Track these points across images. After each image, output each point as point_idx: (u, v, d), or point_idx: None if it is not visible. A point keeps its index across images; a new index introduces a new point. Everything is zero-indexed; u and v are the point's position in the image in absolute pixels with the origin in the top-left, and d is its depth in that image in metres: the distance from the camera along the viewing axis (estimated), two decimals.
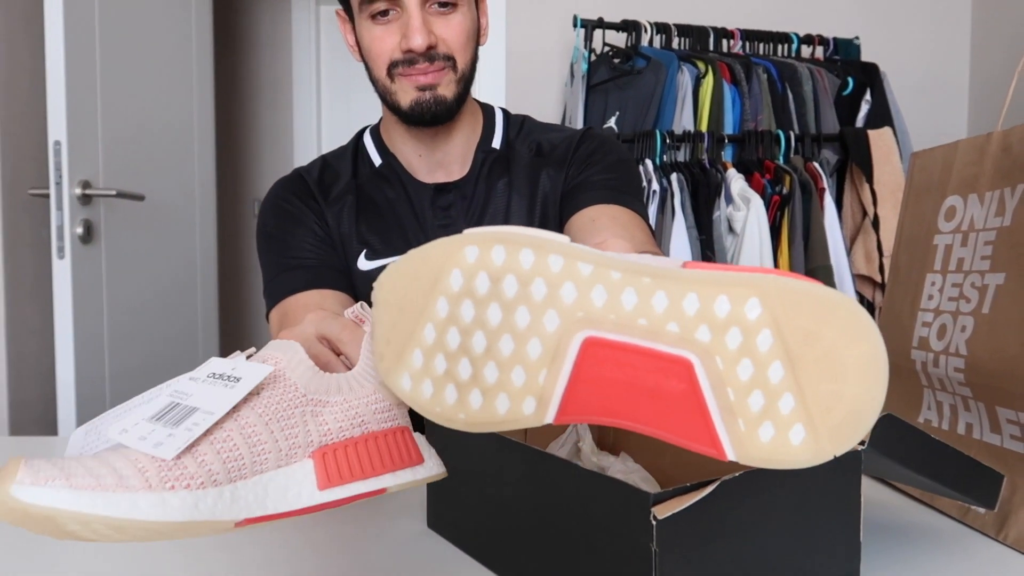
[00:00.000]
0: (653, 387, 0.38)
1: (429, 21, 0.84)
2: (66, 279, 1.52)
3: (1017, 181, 0.67)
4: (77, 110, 1.55)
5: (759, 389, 0.36)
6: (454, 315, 0.41)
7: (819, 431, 0.36)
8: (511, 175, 0.96)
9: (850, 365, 0.36)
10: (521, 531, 0.53)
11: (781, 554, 0.47)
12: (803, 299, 0.36)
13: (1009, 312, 0.64)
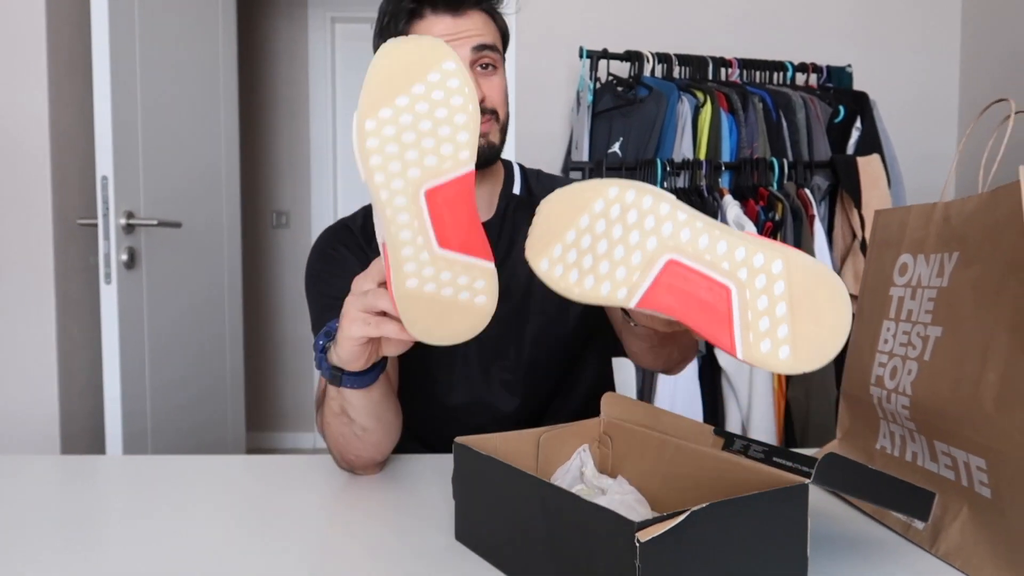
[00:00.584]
0: (703, 300, 0.62)
1: (477, 79, 0.99)
2: (112, 303, 1.65)
3: (954, 249, 0.78)
4: (121, 147, 1.68)
5: (767, 317, 0.61)
6: (591, 227, 0.64)
7: (799, 354, 0.60)
8: None
9: (827, 318, 0.61)
10: (533, 547, 0.65)
11: (741, 568, 0.59)
12: (810, 268, 0.61)
13: (944, 361, 0.76)
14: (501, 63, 1.04)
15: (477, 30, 0.99)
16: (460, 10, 0.98)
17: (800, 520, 0.62)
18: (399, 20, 1.00)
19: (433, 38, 0.71)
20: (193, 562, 0.72)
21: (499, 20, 1.05)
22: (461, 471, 0.75)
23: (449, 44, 0.94)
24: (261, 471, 1.03)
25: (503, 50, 1.06)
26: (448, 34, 0.98)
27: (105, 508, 0.90)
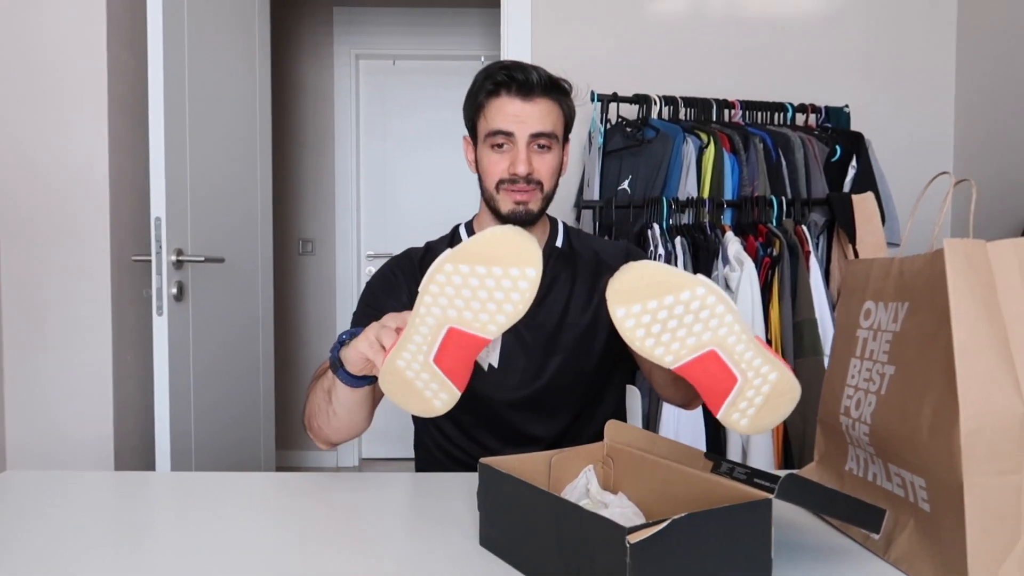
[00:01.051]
0: (717, 380, 0.87)
1: (531, 156, 1.19)
2: (163, 332, 1.81)
3: (905, 299, 0.91)
4: (172, 191, 1.84)
5: (747, 402, 0.88)
6: (672, 307, 0.84)
7: (750, 426, 0.89)
8: (576, 269, 1.30)
9: (780, 411, 0.89)
10: (545, 549, 0.78)
11: (715, 568, 0.73)
12: (788, 381, 0.88)
13: (895, 395, 0.89)
14: (558, 145, 1.24)
15: (539, 117, 1.20)
16: (528, 97, 1.18)
17: (764, 529, 0.76)
18: (481, 93, 1.22)
19: (533, 245, 0.88)
20: (233, 567, 0.85)
21: (564, 107, 1.25)
22: (485, 486, 0.89)
23: (513, 125, 1.13)
24: (295, 486, 1.18)
25: (567, 131, 1.26)
26: (515, 115, 1.19)
27: (154, 519, 1.04)
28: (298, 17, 3.81)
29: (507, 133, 1.20)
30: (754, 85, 2.51)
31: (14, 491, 1.09)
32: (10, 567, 0.83)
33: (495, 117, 1.21)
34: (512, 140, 1.20)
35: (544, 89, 1.20)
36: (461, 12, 3.85)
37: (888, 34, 2.60)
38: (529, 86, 1.19)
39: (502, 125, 1.20)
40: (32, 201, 1.91)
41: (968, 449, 0.74)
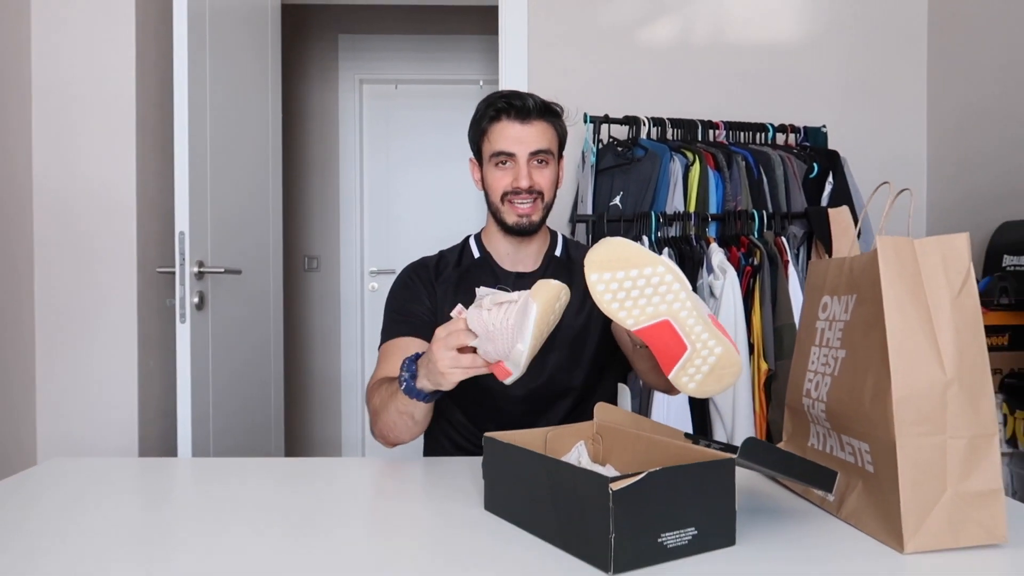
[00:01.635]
0: (669, 346, 0.99)
1: (531, 171, 1.35)
2: (186, 339, 1.94)
3: (853, 292, 1.05)
4: (196, 206, 1.98)
5: (695, 368, 1.00)
6: (636, 278, 0.98)
7: (698, 389, 1.01)
8: (572, 276, 1.44)
9: (723, 381, 1.01)
10: (541, 505, 0.91)
11: (684, 514, 0.85)
12: (732, 356, 1.00)
13: (845, 375, 1.02)
14: (554, 160, 1.41)
15: (536, 137, 1.37)
16: (526, 120, 1.36)
17: (729, 484, 0.88)
18: (484, 120, 1.39)
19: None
20: (257, 540, 0.97)
21: (558, 127, 1.42)
22: (489, 456, 1.02)
23: (514, 145, 1.29)
24: (310, 468, 1.30)
25: (560, 148, 1.43)
26: (516, 136, 1.36)
27: (181, 498, 1.17)
28: (306, 45, 3.98)
29: (509, 153, 1.36)
30: (737, 107, 2.67)
31: (58, 476, 1.22)
32: (60, 538, 0.96)
33: (498, 140, 1.37)
34: (514, 159, 1.36)
35: (539, 113, 1.37)
36: (460, 39, 4.02)
37: (863, 58, 2.76)
38: (526, 111, 1.36)
39: (504, 146, 1.36)
40: (66, 217, 2.06)
41: (899, 414, 0.88)
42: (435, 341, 1.08)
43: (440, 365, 1.07)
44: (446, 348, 1.07)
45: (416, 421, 1.22)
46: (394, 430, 1.25)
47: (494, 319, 1.03)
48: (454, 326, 1.07)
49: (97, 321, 2.05)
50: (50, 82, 2.06)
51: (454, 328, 1.07)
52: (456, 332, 1.07)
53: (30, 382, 2.04)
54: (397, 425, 1.24)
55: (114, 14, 2.06)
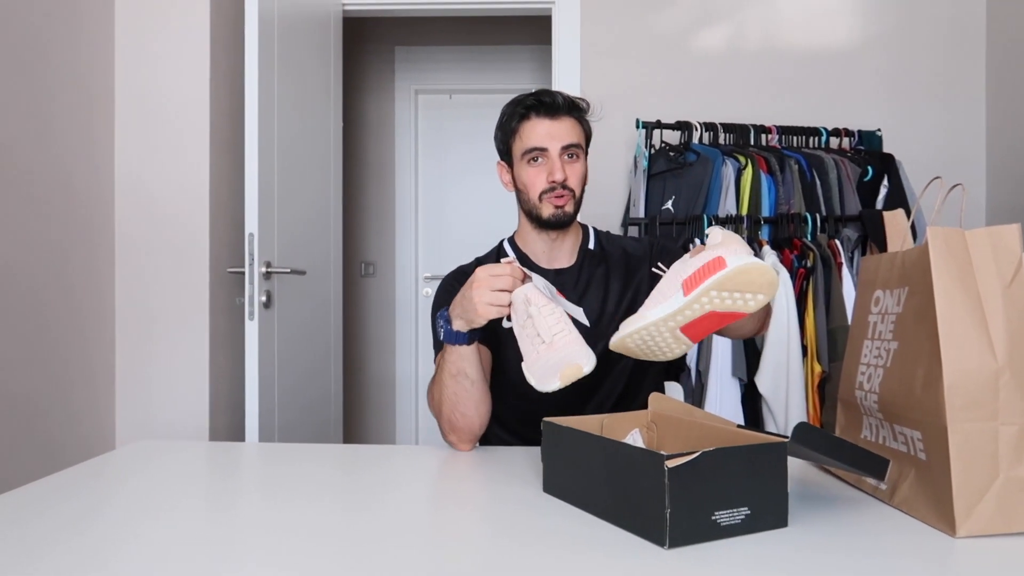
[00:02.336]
0: (709, 322, 1.02)
1: (564, 165, 1.39)
2: (254, 336, 2.04)
3: (905, 284, 1.07)
4: (264, 209, 2.09)
5: (739, 301, 1.00)
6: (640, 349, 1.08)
7: (762, 297, 1.01)
8: (608, 265, 1.47)
9: (763, 283, 0.99)
10: (597, 484, 0.95)
11: (737, 493, 0.88)
12: (730, 276, 0.98)
13: (897, 366, 1.04)
14: (583, 155, 1.45)
15: (566, 131, 1.41)
16: (555, 116, 1.40)
17: (781, 467, 0.91)
18: (513, 119, 1.43)
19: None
20: (322, 520, 1.01)
21: (584, 124, 1.46)
22: (548, 440, 1.06)
23: (546, 141, 1.33)
24: (370, 455, 1.36)
25: (587, 145, 1.46)
26: (547, 132, 1.39)
27: (250, 479, 1.24)
28: (364, 57, 4.11)
29: (542, 149, 1.40)
30: (790, 111, 2.67)
31: (140, 456, 1.31)
32: (143, 514, 1.04)
33: (529, 136, 1.40)
34: (546, 154, 1.40)
35: (567, 109, 1.41)
36: (513, 49, 4.10)
37: (918, 60, 2.74)
38: (555, 107, 1.40)
39: (537, 142, 1.40)
40: (144, 221, 2.18)
41: (950, 400, 0.89)
42: (477, 280, 1.16)
43: (476, 300, 1.15)
44: (488, 287, 1.15)
45: (472, 380, 1.27)
46: (458, 404, 1.28)
47: (545, 325, 1.11)
48: (500, 270, 1.15)
49: (172, 317, 2.17)
50: (132, 91, 2.19)
51: (500, 272, 1.15)
52: (502, 276, 1.15)
53: (110, 373, 2.17)
54: (457, 395, 1.28)
55: (190, 26, 2.19)
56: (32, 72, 1.85)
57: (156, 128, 2.19)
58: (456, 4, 2.87)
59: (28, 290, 1.84)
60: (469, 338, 1.24)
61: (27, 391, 1.84)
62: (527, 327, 1.12)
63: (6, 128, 1.77)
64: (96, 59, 2.12)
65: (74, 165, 2.01)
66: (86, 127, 2.07)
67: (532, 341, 1.11)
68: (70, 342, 2.00)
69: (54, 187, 1.93)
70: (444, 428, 1.33)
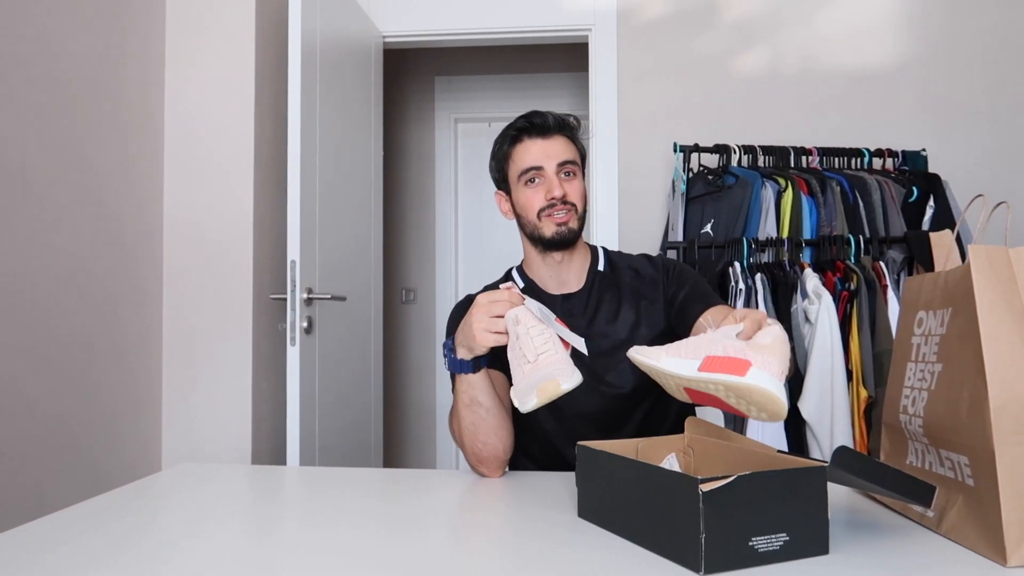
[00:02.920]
0: (712, 400, 0.95)
1: (561, 182, 1.38)
2: (295, 361, 2.07)
3: (949, 305, 1.04)
4: (306, 236, 2.13)
5: (742, 405, 0.93)
6: None
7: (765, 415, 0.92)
8: (619, 288, 1.44)
9: (769, 410, 0.91)
10: (632, 509, 0.94)
11: (775, 519, 0.86)
12: (742, 390, 0.91)
13: (942, 389, 1.01)
14: (579, 171, 1.43)
15: (560, 149, 1.40)
16: (547, 135, 1.40)
17: (821, 491, 0.88)
18: (505, 144, 1.43)
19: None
20: (359, 543, 1.01)
21: (577, 143, 1.45)
22: (582, 464, 1.06)
23: (541, 160, 1.34)
24: (402, 479, 1.37)
25: (583, 164, 1.45)
26: (541, 151, 1.39)
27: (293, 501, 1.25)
28: (404, 86, 4.19)
29: (537, 168, 1.38)
30: (831, 133, 2.64)
31: (184, 479, 1.33)
32: (187, 533, 1.06)
33: (523, 158, 1.39)
34: (542, 173, 1.38)
35: (558, 127, 1.41)
36: (551, 76, 4.14)
37: (963, 79, 2.69)
38: (546, 127, 1.39)
39: (531, 162, 1.38)
40: (191, 249, 2.25)
41: (998, 423, 0.87)
42: (476, 306, 1.16)
43: (475, 327, 1.15)
44: (486, 313, 1.15)
45: (487, 408, 1.26)
46: (478, 433, 1.27)
47: (530, 345, 1.10)
48: (498, 296, 1.15)
49: (217, 343, 2.22)
50: (180, 122, 2.27)
51: (498, 298, 1.15)
52: (500, 302, 1.14)
53: (157, 398, 2.22)
54: (475, 424, 1.27)
55: (237, 58, 2.27)
56: (84, 105, 1.93)
57: (202, 157, 2.26)
58: (494, 34, 2.92)
59: (79, 317, 1.90)
60: (474, 366, 1.23)
61: (77, 415, 1.89)
62: (515, 348, 1.12)
63: (58, 159, 1.84)
64: (147, 91, 2.20)
65: (124, 196, 2.09)
66: (135, 158, 2.14)
67: (519, 361, 1.10)
68: (119, 367, 2.06)
69: (104, 218, 2.01)
70: (470, 460, 1.32)
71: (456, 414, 1.30)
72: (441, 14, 2.90)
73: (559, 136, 1.40)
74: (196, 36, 2.28)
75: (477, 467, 1.32)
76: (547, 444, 1.46)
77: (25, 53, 1.72)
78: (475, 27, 2.89)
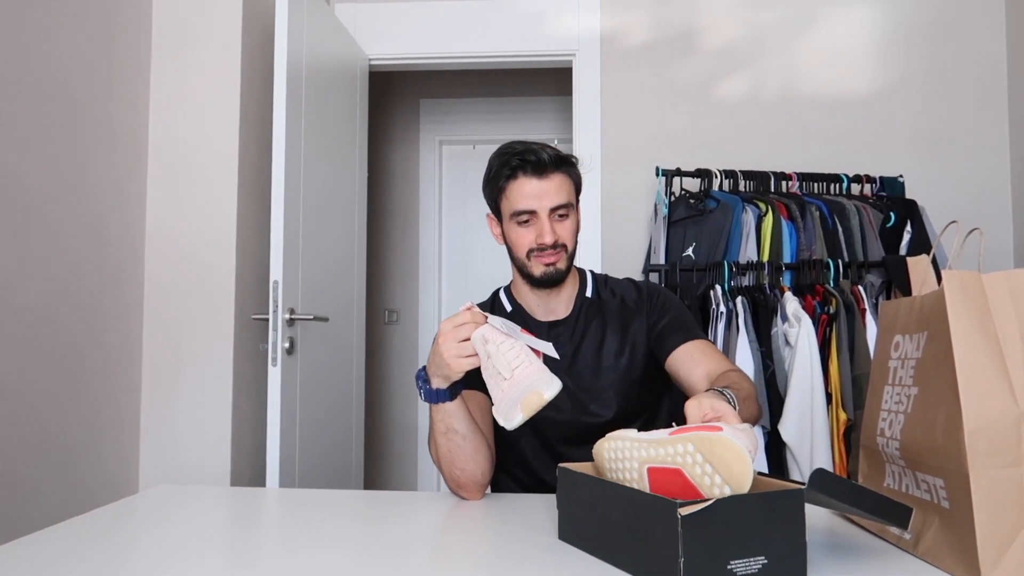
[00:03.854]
0: (675, 480, 0.90)
1: (553, 225, 1.36)
2: (277, 382, 2.05)
3: (924, 329, 1.06)
4: (289, 257, 2.13)
5: (707, 476, 0.88)
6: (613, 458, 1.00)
7: (733, 487, 0.87)
8: (604, 316, 1.44)
9: (733, 468, 0.86)
10: (614, 531, 0.94)
11: (754, 542, 0.87)
12: (713, 440, 0.88)
13: (918, 412, 1.02)
14: (574, 211, 1.40)
15: (555, 191, 1.36)
16: (543, 175, 1.36)
17: (798, 514, 0.89)
18: (500, 178, 1.39)
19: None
20: (337, 567, 1.00)
21: (574, 176, 1.42)
22: (563, 486, 1.06)
23: (534, 203, 1.34)
24: (382, 501, 1.36)
25: (577, 196, 1.43)
26: (535, 193, 1.35)
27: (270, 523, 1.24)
28: (390, 108, 4.21)
29: (531, 211, 1.35)
30: (811, 159, 2.68)
31: (160, 501, 1.32)
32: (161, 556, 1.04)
33: (517, 198, 1.35)
34: (535, 216, 1.35)
35: (555, 165, 1.35)
36: (535, 100, 4.18)
37: (940, 106, 2.75)
38: (542, 166, 1.34)
39: (524, 205, 1.35)
40: (173, 269, 2.23)
41: (972, 446, 0.88)
42: (441, 334, 1.15)
43: (446, 355, 1.13)
44: (453, 340, 1.13)
45: (463, 435, 1.24)
46: (455, 460, 1.25)
47: (503, 362, 1.09)
48: (462, 319, 1.14)
49: (198, 363, 2.20)
50: (164, 141, 2.27)
51: (460, 321, 1.13)
52: (465, 325, 1.13)
53: (136, 417, 2.19)
54: (452, 452, 1.25)
55: (222, 78, 2.27)
56: (66, 122, 1.93)
57: (186, 177, 2.25)
58: (479, 58, 2.95)
59: (59, 335, 1.88)
60: (451, 394, 1.21)
61: (56, 434, 1.87)
62: (488, 368, 1.11)
63: (41, 176, 1.83)
64: (131, 109, 2.20)
65: (107, 213, 2.07)
66: (120, 176, 2.14)
67: (495, 380, 1.09)
68: (99, 386, 2.03)
69: (87, 235, 1.99)
70: (450, 485, 1.30)
71: (433, 441, 1.29)
72: (426, 38, 2.93)
73: (556, 174, 1.36)
74: (182, 55, 2.29)
75: (457, 491, 1.31)
76: (529, 467, 1.46)
77: (12, 67, 1.72)
78: (460, 51, 2.92)
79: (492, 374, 1.10)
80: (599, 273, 1.56)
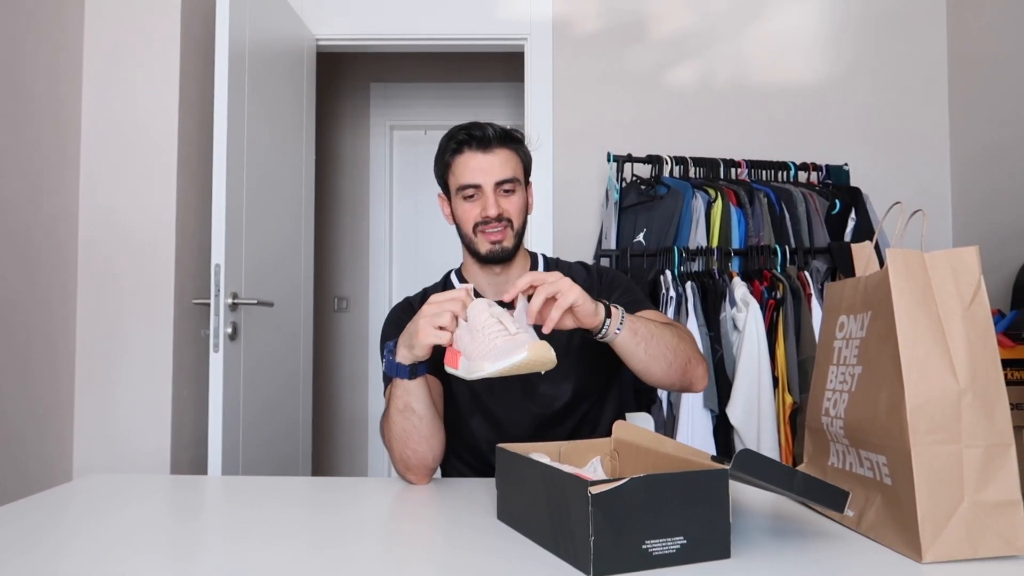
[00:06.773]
0: None
1: (499, 200, 1.35)
2: (219, 368, 1.99)
3: (868, 309, 1.06)
4: (231, 240, 2.06)
5: None
6: None
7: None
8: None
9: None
10: (539, 511, 0.91)
11: (672, 522, 0.83)
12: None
13: (862, 391, 1.03)
14: (521, 187, 1.40)
15: (500, 166, 1.36)
16: (488, 149, 1.36)
17: (721, 495, 0.85)
18: (447, 153, 1.40)
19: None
20: (278, 555, 0.96)
21: (522, 153, 1.41)
22: (501, 466, 1.04)
23: (479, 177, 1.32)
24: (328, 487, 1.32)
25: (527, 174, 1.42)
26: (480, 167, 1.36)
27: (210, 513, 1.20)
28: (339, 92, 4.12)
29: (475, 185, 1.35)
30: (759, 147, 2.71)
31: (93, 490, 1.26)
32: (88, 547, 1.00)
33: (462, 172, 1.36)
34: (480, 190, 1.36)
35: (500, 141, 1.37)
36: (487, 86, 4.14)
37: (884, 98, 2.80)
38: (487, 140, 1.35)
39: (469, 179, 1.36)
40: (109, 250, 2.15)
41: (913, 423, 0.88)
42: (429, 303, 1.13)
43: (421, 321, 1.11)
44: (438, 307, 1.11)
45: (420, 416, 1.22)
46: (408, 440, 1.24)
47: (489, 325, 1.06)
48: (455, 294, 1.12)
49: (135, 349, 2.12)
50: (99, 118, 2.17)
51: (454, 296, 1.12)
52: (454, 300, 1.11)
53: (68, 405, 2.11)
54: (406, 430, 1.23)
55: (160, 55, 2.19)
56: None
57: (123, 156, 2.16)
58: (430, 40, 2.90)
59: None
60: (411, 372, 1.20)
61: None
62: (488, 325, 1.07)
63: None
64: (63, 86, 2.10)
65: (41, 193, 1.98)
66: (48, 156, 2.04)
67: (494, 331, 1.06)
68: (29, 372, 1.94)
69: (20, 213, 1.90)
70: (398, 466, 1.28)
71: (388, 418, 1.26)
72: (376, 19, 2.86)
73: (501, 149, 1.37)
74: (117, 30, 2.19)
75: (405, 474, 1.28)
76: (479, 451, 1.45)
77: None
78: (411, 32, 2.87)
79: (490, 329, 1.06)
80: (551, 256, 1.55)
